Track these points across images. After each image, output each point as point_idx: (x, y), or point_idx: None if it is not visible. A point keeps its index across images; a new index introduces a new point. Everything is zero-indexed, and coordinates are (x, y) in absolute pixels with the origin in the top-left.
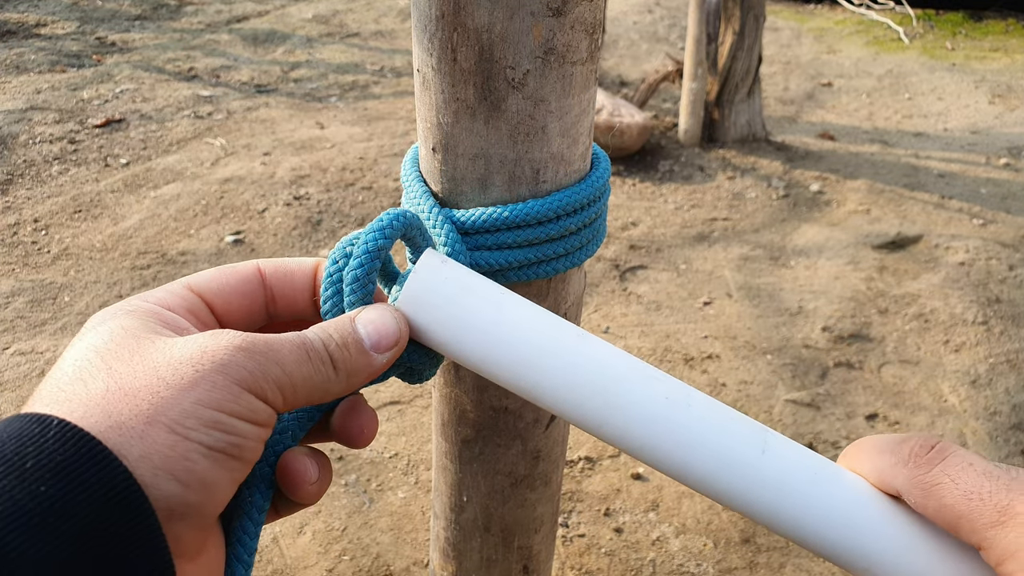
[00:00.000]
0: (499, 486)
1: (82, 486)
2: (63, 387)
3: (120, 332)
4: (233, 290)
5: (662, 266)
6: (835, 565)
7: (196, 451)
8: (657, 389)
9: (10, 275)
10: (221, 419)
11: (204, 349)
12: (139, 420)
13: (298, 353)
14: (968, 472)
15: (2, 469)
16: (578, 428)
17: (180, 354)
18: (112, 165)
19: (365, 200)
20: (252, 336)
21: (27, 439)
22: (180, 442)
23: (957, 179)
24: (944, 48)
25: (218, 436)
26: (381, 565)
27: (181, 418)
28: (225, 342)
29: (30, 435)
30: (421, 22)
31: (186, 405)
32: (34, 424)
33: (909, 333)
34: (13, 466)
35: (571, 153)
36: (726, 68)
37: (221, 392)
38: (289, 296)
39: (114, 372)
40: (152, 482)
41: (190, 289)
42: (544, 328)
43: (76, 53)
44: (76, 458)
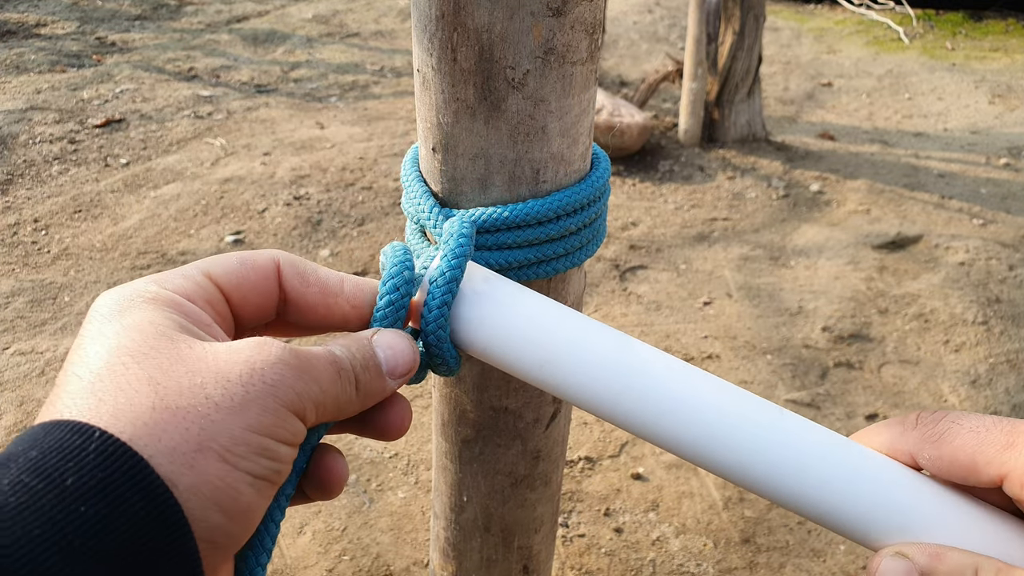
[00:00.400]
0: (499, 486)
1: (124, 510)
2: (101, 395)
3: (151, 331)
4: (252, 286)
5: (662, 266)
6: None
7: (244, 481)
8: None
9: (10, 275)
10: (269, 445)
11: (253, 366)
12: (190, 446)
13: (332, 371)
14: (971, 416)
15: (42, 486)
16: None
17: (227, 369)
18: (112, 165)
19: (365, 200)
20: (294, 350)
21: (68, 453)
22: (230, 472)
23: (957, 179)
24: (944, 48)
25: (265, 464)
26: (381, 565)
27: (232, 445)
28: (274, 357)
29: (71, 448)
30: (421, 22)
31: (237, 431)
32: (75, 435)
33: (909, 333)
34: (53, 483)
35: (571, 153)
36: (726, 68)
37: (271, 417)
38: (301, 304)
39: (157, 385)
40: (200, 514)
41: (209, 279)
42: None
43: (76, 53)
44: (118, 477)
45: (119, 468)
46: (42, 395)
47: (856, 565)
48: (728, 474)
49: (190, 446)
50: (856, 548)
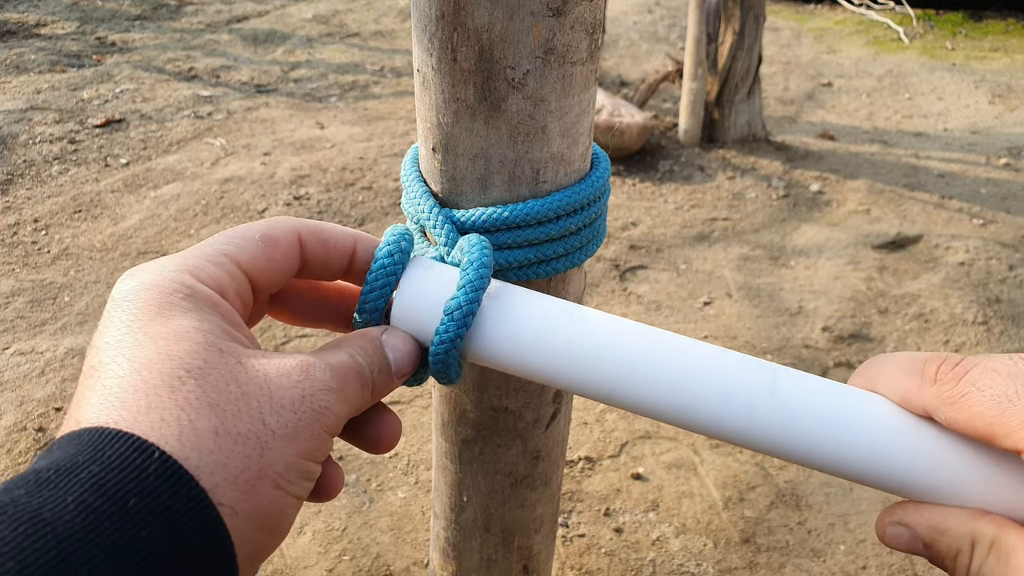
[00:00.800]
0: (499, 486)
1: (180, 537)
2: (162, 412)
3: (201, 341)
4: (277, 268)
5: (662, 266)
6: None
7: (291, 504)
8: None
9: (10, 275)
10: (312, 468)
11: (303, 392)
12: (251, 474)
13: (358, 385)
14: (993, 377)
15: (105, 507)
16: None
17: (280, 394)
18: (112, 165)
19: (365, 200)
20: (337, 374)
21: (129, 474)
22: (282, 497)
23: (957, 179)
24: (944, 48)
25: (306, 486)
26: (381, 565)
27: (285, 472)
28: (320, 384)
29: (132, 469)
30: (421, 22)
31: (290, 458)
32: (135, 453)
33: (909, 333)
34: (116, 504)
35: (571, 153)
36: (726, 68)
37: (318, 443)
38: (319, 267)
39: (216, 407)
40: (251, 536)
41: (239, 266)
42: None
43: (76, 53)
44: (177, 502)
45: (177, 492)
46: (42, 395)
47: (856, 565)
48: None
49: (251, 474)
50: (856, 548)
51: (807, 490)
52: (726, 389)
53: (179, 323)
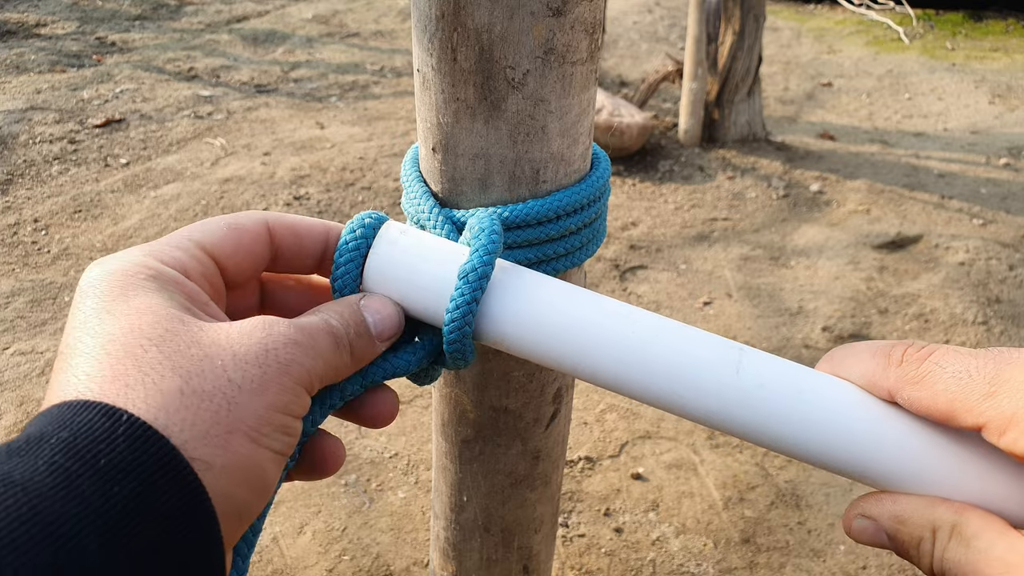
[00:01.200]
0: (499, 486)
1: (154, 492)
2: (126, 378)
3: (163, 314)
4: (246, 252)
5: (662, 266)
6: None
7: (268, 458)
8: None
9: (10, 275)
10: (287, 422)
11: (265, 346)
12: (221, 428)
13: (331, 342)
14: (954, 355)
15: (76, 467)
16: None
17: (242, 350)
18: (112, 165)
19: (365, 200)
20: (301, 328)
21: (99, 436)
22: (257, 451)
23: (957, 179)
24: (944, 48)
25: (285, 440)
26: (381, 565)
27: (258, 425)
28: (283, 338)
29: (102, 431)
30: (421, 22)
31: (260, 411)
32: (104, 418)
33: (909, 333)
34: (87, 464)
35: (571, 153)
36: (726, 68)
37: (289, 395)
38: (293, 257)
39: (180, 370)
40: (230, 492)
41: (203, 249)
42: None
43: (76, 53)
44: (147, 459)
45: (147, 450)
46: (42, 395)
47: (856, 565)
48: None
49: (221, 428)
50: (856, 548)
51: (807, 490)
52: (691, 365)
53: (142, 300)
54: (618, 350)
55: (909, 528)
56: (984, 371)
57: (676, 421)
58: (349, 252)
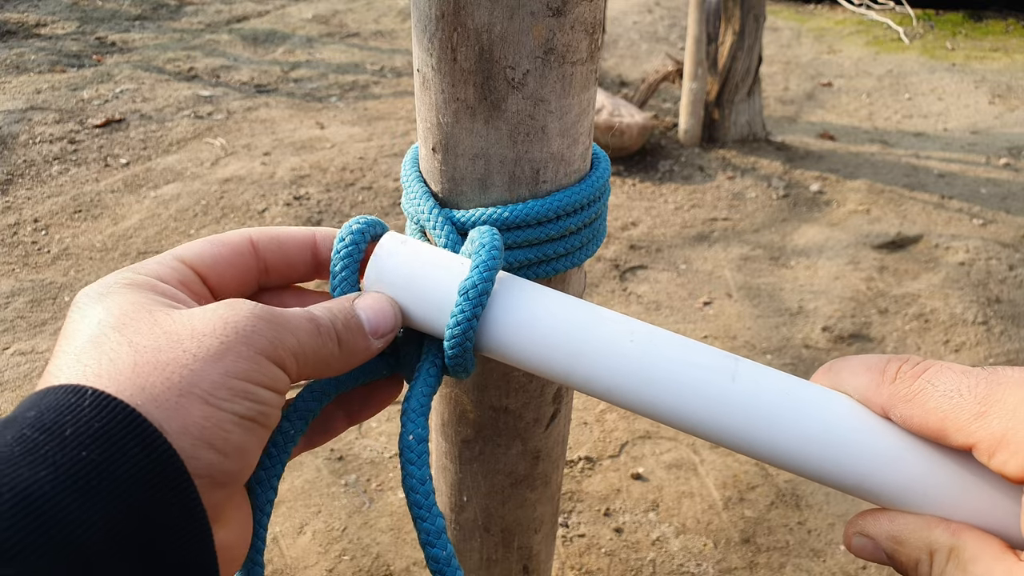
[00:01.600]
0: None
1: (122, 453)
2: (86, 361)
3: (129, 305)
4: (227, 262)
5: (662, 266)
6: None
7: (229, 421)
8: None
9: (10, 275)
10: (249, 388)
11: (225, 320)
12: (173, 393)
13: (309, 326)
14: (947, 374)
15: (43, 437)
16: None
17: (201, 325)
18: (112, 165)
19: (365, 200)
20: (268, 307)
21: (64, 408)
22: (214, 412)
23: (957, 179)
24: (944, 48)
25: (248, 405)
26: (381, 565)
27: (213, 389)
28: (245, 312)
29: (67, 405)
30: (421, 22)
31: (215, 376)
32: (69, 394)
33: (909, 333)
34: (53, 434)
35: (571, 153)
36: (726, 68)
37: (247, 362)
38: (282, 266)
39: (137, 346)
40: (193, 453)
41: (182, 262)
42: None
43: (76, 53)
44: (113, 426)
45: (114, 417)
46: None
47: (856, 565)
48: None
49: (173, 392)
50: None
51: (807, 490)
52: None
53: (113, 299)
54: (617, 363)
55: (906, 549)
56: (975, 391)
57: None
58: (342, 260)
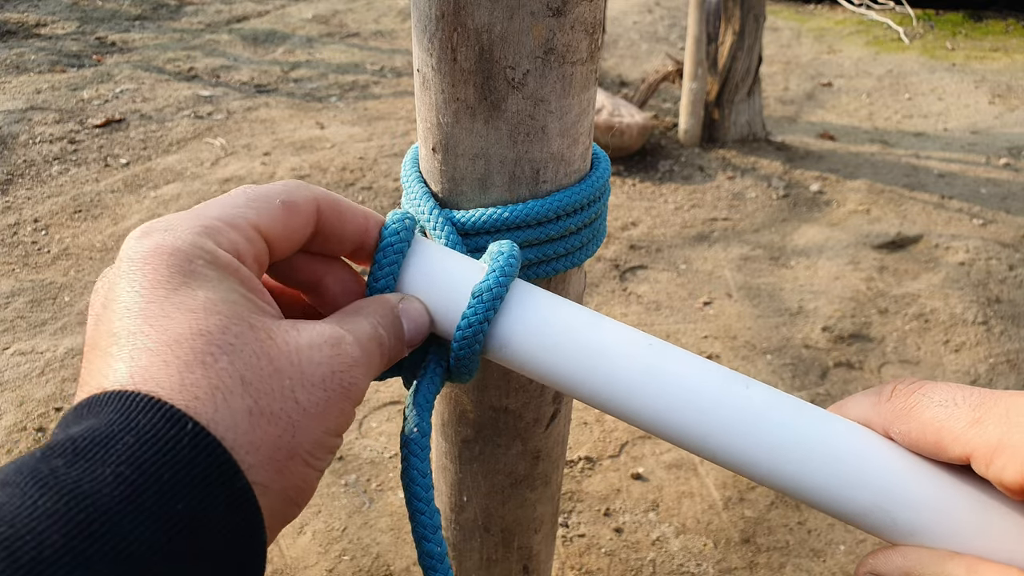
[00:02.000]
0: (499, 486)
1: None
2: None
3: (229, 313)
4: (293, 232)
5: (662, 266)
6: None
7: (316, 477)
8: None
9: (10, 275)
10: (336, 444)
11: (333, 369)
12: (283, 454)
13: (380, 355)
14: (942, 387)
15: (142, 480)
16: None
17: (310, 371)
18: (112, 165)
19: (365, 200)
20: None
21: (163, 443)
22: (310, 473)
23: (957, 179)
24: (944, 48)
25: (330, 459)
26: (381, 565)
27: (314, 449)
28: (351, 360)
29: (165, 439)
30: (421, 22)
31: (318, 435)
32: (167, 423)
33: (909, 333)
34: (151, 477)
35: (571, 153)
36: (726, 68)
37: (346, 418)
38: (332, 241)
39: (250, 386)
40: (279, 509)
41: (258, 231)
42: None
43: (76, 53)
44: (209, 475)
45: (210, 464)
46: (42, 395)
47: (856, 565)
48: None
49: (283, 454)
50: (856, 548)
51: None
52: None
53: (206, 295)
54: (625, 377)
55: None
56: (969, 400)
57: None
58: (393, 254)
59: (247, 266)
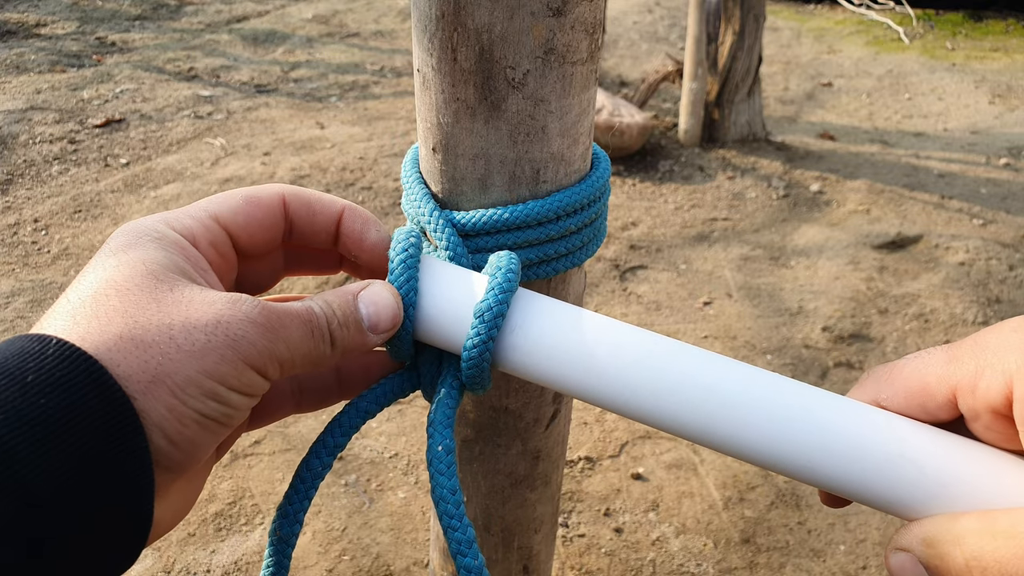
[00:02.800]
0: (499, 486)
1: (81, 403)
2: (78, 317)
3: (141, 269)
4: (258, 223)
5: (662, 266)
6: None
7: (190, 416)
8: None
9: (10, 275)
10: (219, 391)
11: (219, 318)
12: (145, 376)
13: (304, 331)
14: (912, 354)
15: (5, 382)
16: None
17: (196, 316)
18: (112, 165)
19: (365, 200)
20: (267, 310)
21: (28, 355)
22: (178, 406)
23: (957, 179)
24: (944, 48)
25: (213, 406)
26: (381, 565)
27: (184, 384)
28: (242, 314)
29: (31, 352)
30: (421, 22)
31: (191, 372)
32: (34, 342)
33: (909, 333)
34: (15, 379)
35: (571, 153)
36: (726, 68)
37: (227, 366)
38: (307, 232)
39: (129, 318)
40: (161, 446)
41: (216, 220)
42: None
43: (76, 53)
44: (76, 376)
45: (76, 368)
46: None
47: (856, 565)
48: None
49: (146, 376)
50: (856, 548)
51: (807, 490)
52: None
53: (133, 254)
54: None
55: (939, 548)
56: (943, 348)
57: None
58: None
59: (199, 247)
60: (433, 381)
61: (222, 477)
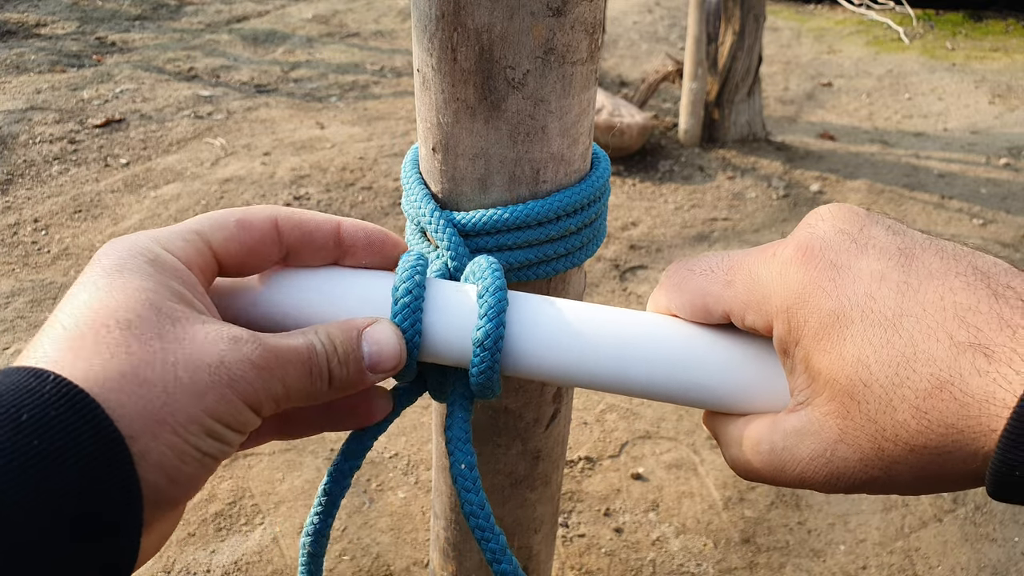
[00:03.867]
0: (499, 486)
1: (74, 447)
2: (79, 351)
3: (141, 298)
4: (248, 249)
5: (662, 266)
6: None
7: (191, 454)
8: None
9: (10, 275)
10: (218, 429)
11: (223, 359)
12: (148, 414)
13: (302, 370)
14: (703, 258)
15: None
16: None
17: (200, 355)
18: (112, 165)
19: (365, 200)
20: (267, 352)
21: (23, 392)
22: (179, 443)
23: (957, 179)
24: (944, 48)
25: (211, 443)
26: (381, 565)
27: (186, 422)
28: (242, 356)
29: (27, 388)
30: (421, 22)
31: (193, 411)
32: (31, 378)
33: None
34: (10, 417)
35: (571, 153)
36: (726, 68)
37: (227, 406)
38: (306, 252)
39: (133, 355)
40: (143, 476)
41: (208, 245)
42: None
43: (76, 53)
44: (71, 416)
45: (73, 408)
46: None
47: (856, 565)
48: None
49: (149, 414)
50: (856, 548)
51: (807, 490)
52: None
53: (129, 280)
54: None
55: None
56: (723, 265)
57: (676, 421)
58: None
59: (193, 271)
60: (439, 385)
61: (222, 477)
